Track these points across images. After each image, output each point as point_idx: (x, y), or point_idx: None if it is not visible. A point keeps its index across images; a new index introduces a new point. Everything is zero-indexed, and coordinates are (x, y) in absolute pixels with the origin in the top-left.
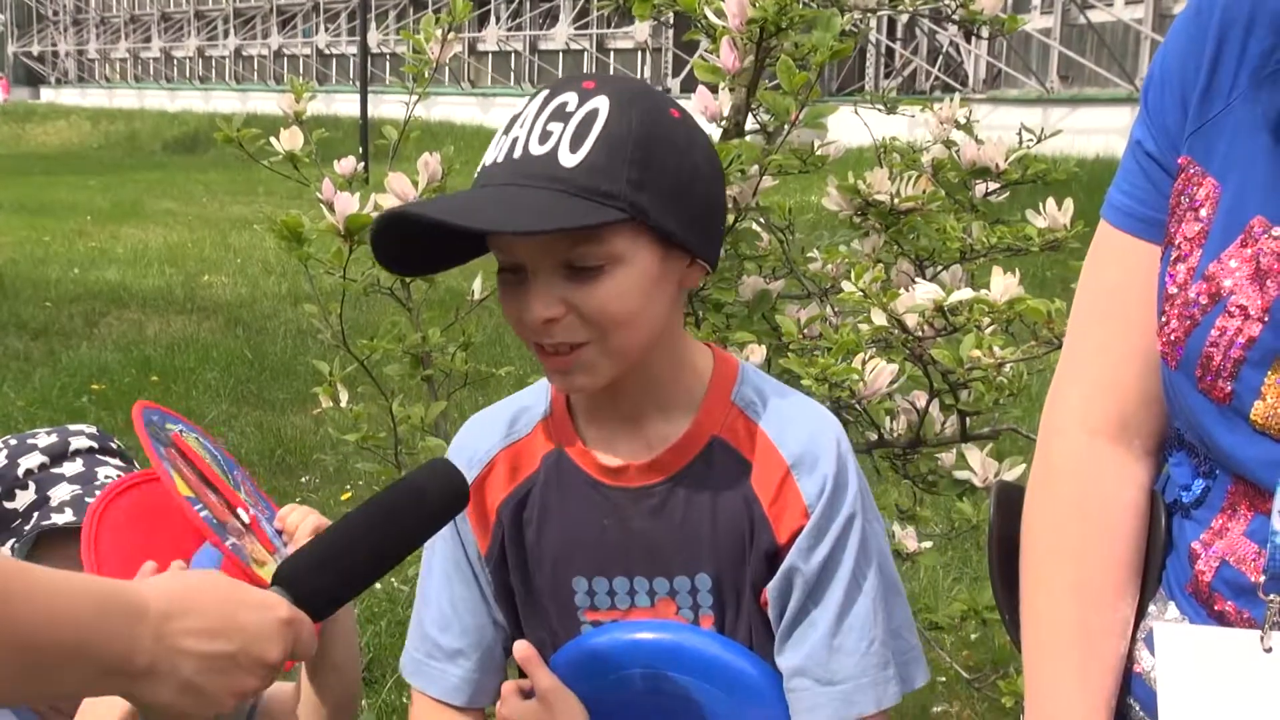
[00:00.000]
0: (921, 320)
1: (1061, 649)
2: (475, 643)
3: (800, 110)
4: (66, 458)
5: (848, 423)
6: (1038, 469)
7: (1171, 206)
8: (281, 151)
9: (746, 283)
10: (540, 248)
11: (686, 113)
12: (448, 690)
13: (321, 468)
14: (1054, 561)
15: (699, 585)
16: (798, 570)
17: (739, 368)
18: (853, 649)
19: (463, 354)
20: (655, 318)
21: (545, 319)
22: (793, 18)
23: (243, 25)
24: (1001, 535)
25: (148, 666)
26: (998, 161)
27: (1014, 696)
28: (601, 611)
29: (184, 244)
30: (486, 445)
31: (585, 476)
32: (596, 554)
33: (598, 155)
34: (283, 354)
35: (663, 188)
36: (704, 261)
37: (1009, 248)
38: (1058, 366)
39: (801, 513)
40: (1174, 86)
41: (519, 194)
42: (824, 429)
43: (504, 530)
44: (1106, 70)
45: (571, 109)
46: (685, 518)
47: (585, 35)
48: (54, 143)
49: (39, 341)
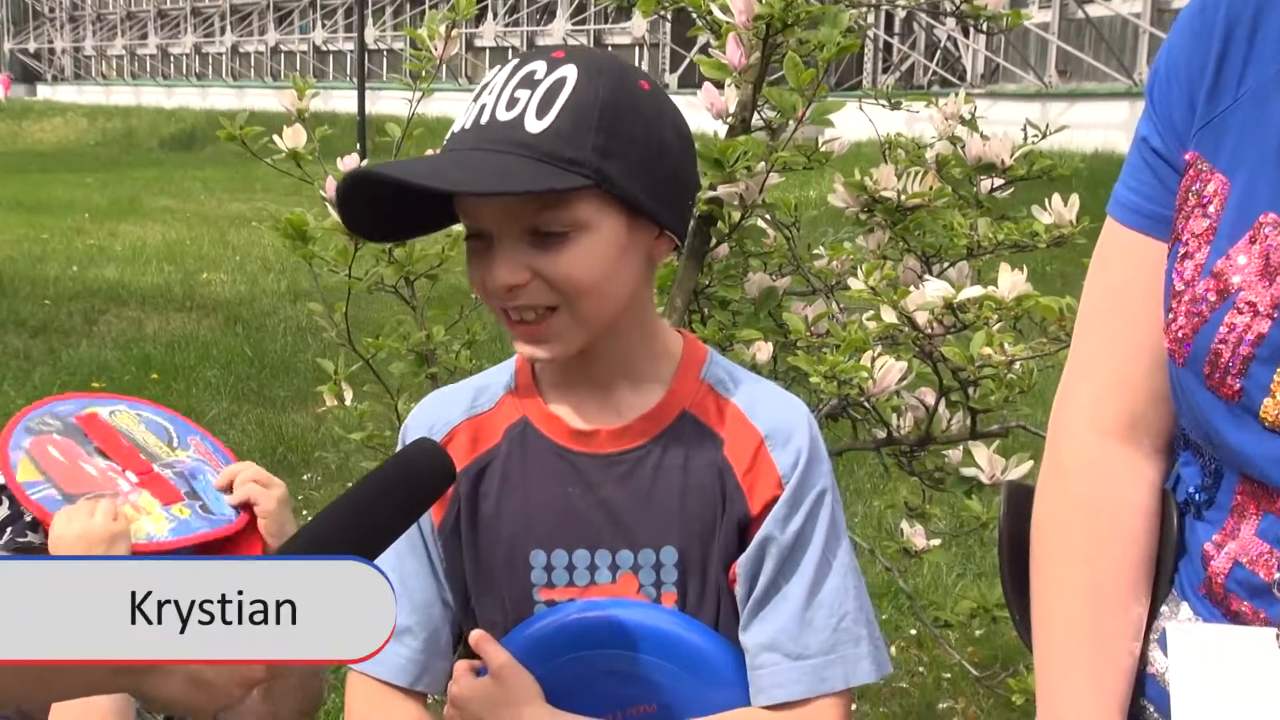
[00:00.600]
0: (931, 318)
1: (1073, 650)
2: (423, 621)
3: (808, 107)
4: None
5: (856, 420)
6: (1047, 468)
7: (1179, 203)
8: (285, 149)
9: (752, 280)
10: (505, 213)
11: (657, 86)
12: (393, 670)
13: (323, 465)
14: (1065, 562)
15: (664, 559)
16: (772, 539)
17: (708, 351)
18: (824, 624)
19: (467, 352)
20: (623, 286)
21: (510, 285)
22: (799, 14)
23: (239, 22)
24: (1012, 535)
25: (153, 662)
26: (1003, 157)
27: (1024, 694)
28: (558, 589)
29: (182, 241)
30: (447, 416)
31: (551, 445)
32: (558, 525)
33: (564, 122)
34: (283, 351)
35: (630, 156)
36: (672, 234)
37: (1015, 244)
38: (1066, 365)
39: (775, 483)
40: (1180, 83)
41: (484, 158)
42: (794, 406)
43: (460, 503)
44: (1105, 65)
45: (540, 77)
46: (654, 488)
47: (583, 30)
48: (50, 140)
49: (38, 339)
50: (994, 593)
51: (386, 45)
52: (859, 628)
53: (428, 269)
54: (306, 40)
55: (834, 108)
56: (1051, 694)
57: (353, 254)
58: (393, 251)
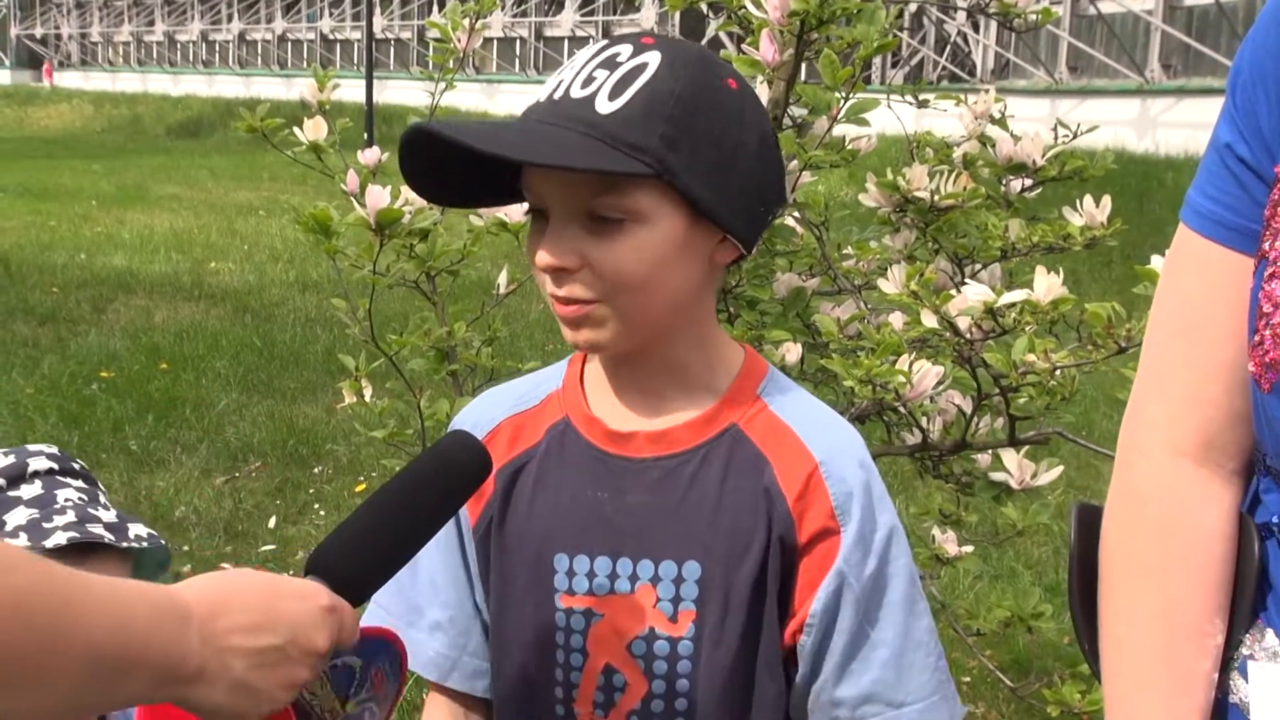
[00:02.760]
0: (971, 322)
1: (1146, 679)
2: (454, 618)
3: (844, 104)
4: (25, 479)
5: (890, 425)
6: (1117, 488)
7: (1267, 219)
8: (305, 141)
9: (781, 280)
10: (562, 191)
11: (747, 86)
12: (424, 663)
13: (334, 458)
14: (1136, 587)
15: (685, 574)
16: (848, 585)
17: (768, 367)
18: (923, 665)
19: (488, 349)
20: (675, 288)
21: (556, 265)
22: (835, 10)
23: (246, 10)
24: (1082, 557)
25: (198, 670)
26: (1035, 157)
27: (1059, 705)
28: (578, 596)
29: (190, 230)
30: (491, 414)
31: (588, 446)
32: (584, 529)
33: (635, 107)
34: (292, 342)
35: (699, 152)
36: (737, 240)
37: (1050, 246)
38: (1136, 381)
39: (828, 514)
40: (1269, 84)
41: (548, 131)
42: (852, 437)
43: (496, 500)
44: (1116, 62)
45: (622, 60)
46: (685, 499)
47: (591, 22)
48: (56, 126)
49: (46, 328)
50: (1028, 601)
51: (394, 35)
52: (944, 662)
53: (449, 264)
54: (314, 29)
55: (869, 105)
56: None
57: (377, 250)
58: (414, 247)
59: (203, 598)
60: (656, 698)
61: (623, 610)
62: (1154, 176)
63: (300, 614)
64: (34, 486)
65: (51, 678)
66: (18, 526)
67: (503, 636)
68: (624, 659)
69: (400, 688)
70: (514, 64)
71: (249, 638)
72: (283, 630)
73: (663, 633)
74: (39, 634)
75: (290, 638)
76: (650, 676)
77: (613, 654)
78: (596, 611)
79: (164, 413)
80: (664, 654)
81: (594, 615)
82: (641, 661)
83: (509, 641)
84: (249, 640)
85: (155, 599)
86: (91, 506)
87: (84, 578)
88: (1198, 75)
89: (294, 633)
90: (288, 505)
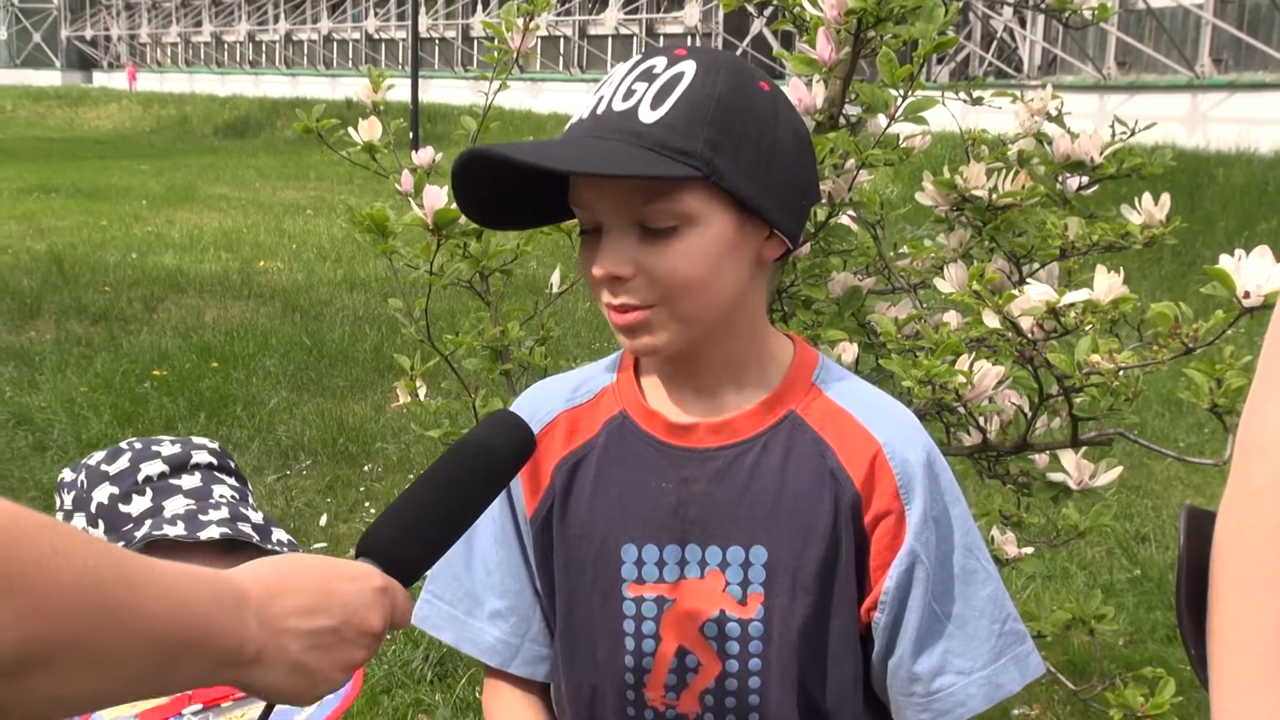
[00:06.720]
0: (1033, 322)
1: (1259, 686)
2: (513, 606)
3: (902, 103)
4: (186, 470)
5: (950, 425)
6: (1233, 491)
7: None
8: (360, 141)
9: (836, 279)
10: (614, 204)
11: (778, 88)
12: (485, 650)
13: (384, 456)
14: (1252, 592)
15: (753, 559)
16: (919, 563)
17: (819, 356)
18: (986, 633)
19: (541, 349)
20: (727, 286)
21: (613, 274)
22: (893, 8)
23: (292, 10)
24: (1191, 562)
25: (256, 653)
26: (1092, 155)
27: (1122, 709)
28: (648, 585)
29: (239, 229)
30: (548, 406)
31: (648, 438)
32: (651, 519)
33: (677, 114)
34: (341, 340)
35: (741, 152)
36: (783, 234)
37: (1109, 245)
38: (1253, 385)
39: (893, 494)
40: None
41: (594, 144)
42: (909, 418)
43: (555, 494)
44: (1165, 57)
45: (658, 71)
46: (750, 485)
47: (635, 20)
48: (106, 127)
49: (99, 326)
50: (1089, 604)
51: (439, 34)
52: (1019, 625)
53: (502, 264)
54: (359, 29)
55: (928, 104)
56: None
57: (434, 250)
58: (468, 246)
59: (259, 581)
60: (730, 676)
61: (694, 595)
62: (1205, 172)
63: (354, 595)
64: (194, 478)
65: (115, 659)
66: (175, 515)
67: (570, 626)
68: (696, 640)
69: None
70: (558, 62)
71: (305, 619)
72: (339, 612)
73: (733, 615)
74: (104, 615)
75: (345, 619)
76: (724, 657)
77: (685, 637)
78: (668, 598)
79: (215, 411)
80: (735, 635)
81: (666, 601)
82: (714, 643)
83: (576, 630)
84: (305, 622)
85: (214, 583)
86: (243, 506)
87: (146, 561)
88: (1249, 69)
89: (349, 614)
90: (339, 503)
